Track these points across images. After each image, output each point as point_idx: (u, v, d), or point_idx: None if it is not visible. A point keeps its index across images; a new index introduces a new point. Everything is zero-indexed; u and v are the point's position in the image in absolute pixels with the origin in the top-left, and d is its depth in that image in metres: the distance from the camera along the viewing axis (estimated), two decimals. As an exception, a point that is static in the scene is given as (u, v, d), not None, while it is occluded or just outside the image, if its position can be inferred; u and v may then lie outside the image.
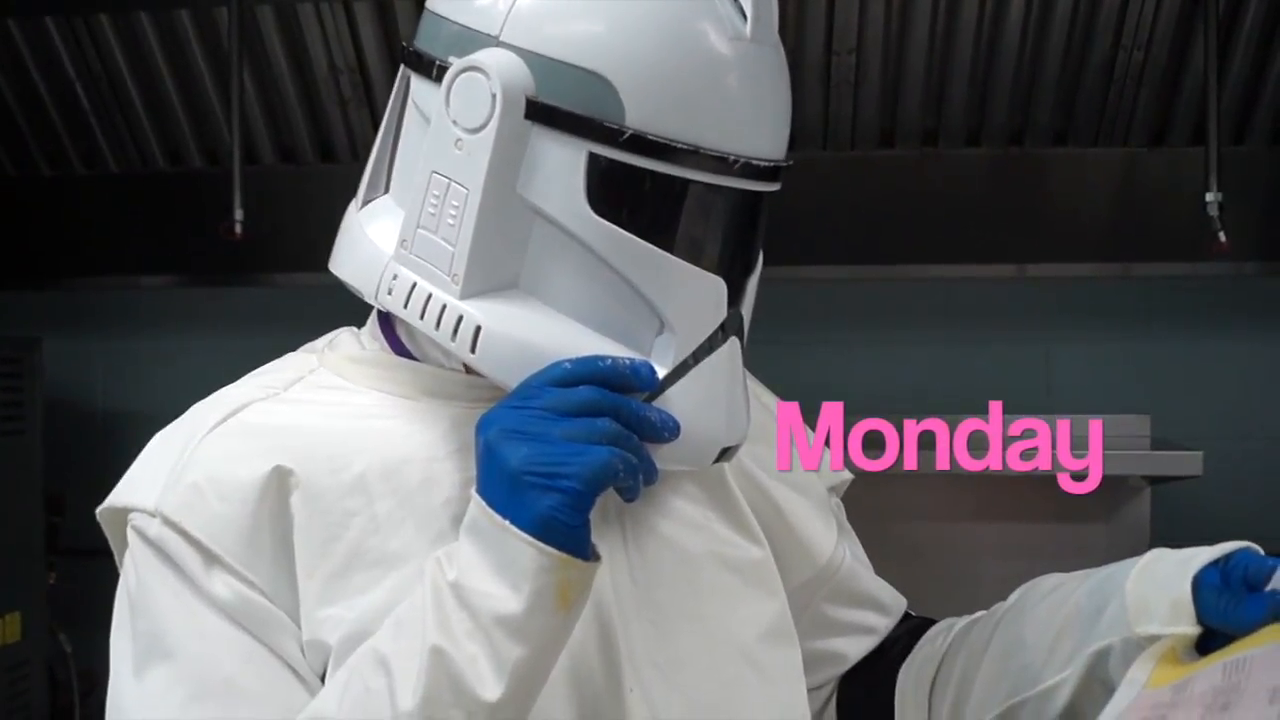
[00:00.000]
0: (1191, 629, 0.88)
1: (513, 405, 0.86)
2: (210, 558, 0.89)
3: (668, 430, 0.87)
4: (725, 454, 0.93)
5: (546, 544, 0.82)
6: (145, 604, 0.91)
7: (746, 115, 0.89)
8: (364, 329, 1.03)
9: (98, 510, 0.95)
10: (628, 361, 0.87)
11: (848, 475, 1.16)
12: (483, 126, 0.87)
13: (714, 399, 0.90)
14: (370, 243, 0.95)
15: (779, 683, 1.02)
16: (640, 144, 0.86)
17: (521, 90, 0.86)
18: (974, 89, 2.50)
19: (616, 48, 0.86)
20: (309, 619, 0.89)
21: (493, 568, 0.83)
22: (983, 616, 1.08)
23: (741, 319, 0.93)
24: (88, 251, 2.86)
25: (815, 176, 2.62)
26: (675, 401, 0.88)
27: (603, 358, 0.87)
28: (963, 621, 1.10)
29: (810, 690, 1.08)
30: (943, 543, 2.31)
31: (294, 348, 1.05)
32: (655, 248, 0.88)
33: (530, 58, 0.87)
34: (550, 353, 0.87)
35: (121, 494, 0.94)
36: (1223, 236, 2.28)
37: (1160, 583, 0.91)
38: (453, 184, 0.89)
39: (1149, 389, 2.64)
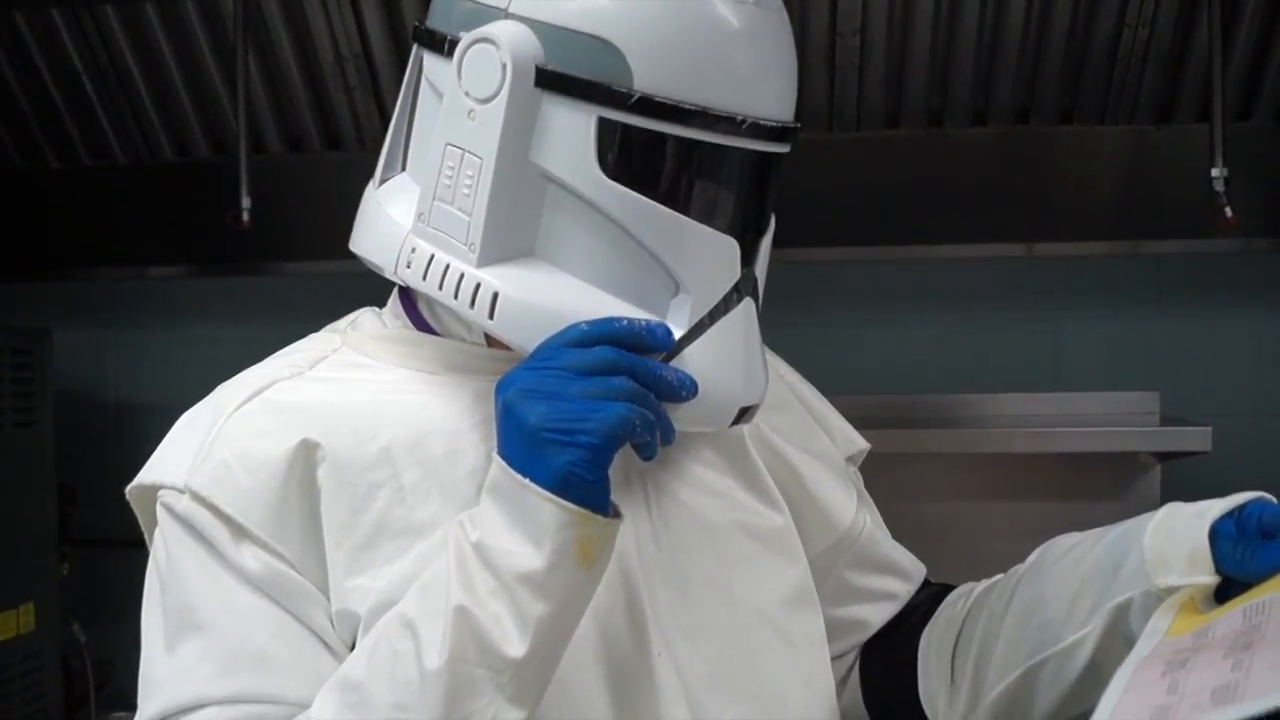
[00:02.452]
0: (1210, 578, 0.90)
1: (531, 367, 0.87)
2: (239, 531, 0.90)
3: (685, 389, 0.88)
4: (744, 415, 0.94)
5: (566, 499, 0.83)
6: (175, 579, 0.92)
7: (752, 77, 0.90)
8: (385, 308, 1.04)
9: (127, 489, 0.97)
10: (644, 322, 0.88)
11: (865, 445, 1.17)
12: (494, 96, 0.89)
13: (731, 358, 0.91)
14: (389, 219, 0.96)
15: (802, 647, 1.03)
16: (648, 106, 0.87)
17: (531, 59, 0.88)
18: (979, 68, 2.50)
19: (622, 13, 0.88)
20: (337, 590, 0.91)
21: (514, 525, 0.84)
22: (1001, 579, 1.09)
23: (755, 280, 0.94)
24: (96, 242, 2.87)
25: (821, 158, 2.62)
26: (692, 361, 0.90)
27: (619, 319, 0.88)
28: (982, 585, 1.12)
29: (834, 658, 1.09)
30: (953, 521, 2.31)
31: (301, 335, 1.05)
32: (668, 209, 0.89)
33: (539, 27, 0.89)
34: (567, 315, 0.89)
35: (150, 472, 0.96)
36: (1229, 212, 2.28)
37: (1177, 535, 0.92)
38: (467, 154, 0.90)
39: (1158, 366, 2.64)
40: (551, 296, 0.90)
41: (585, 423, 0.83)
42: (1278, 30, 2.41)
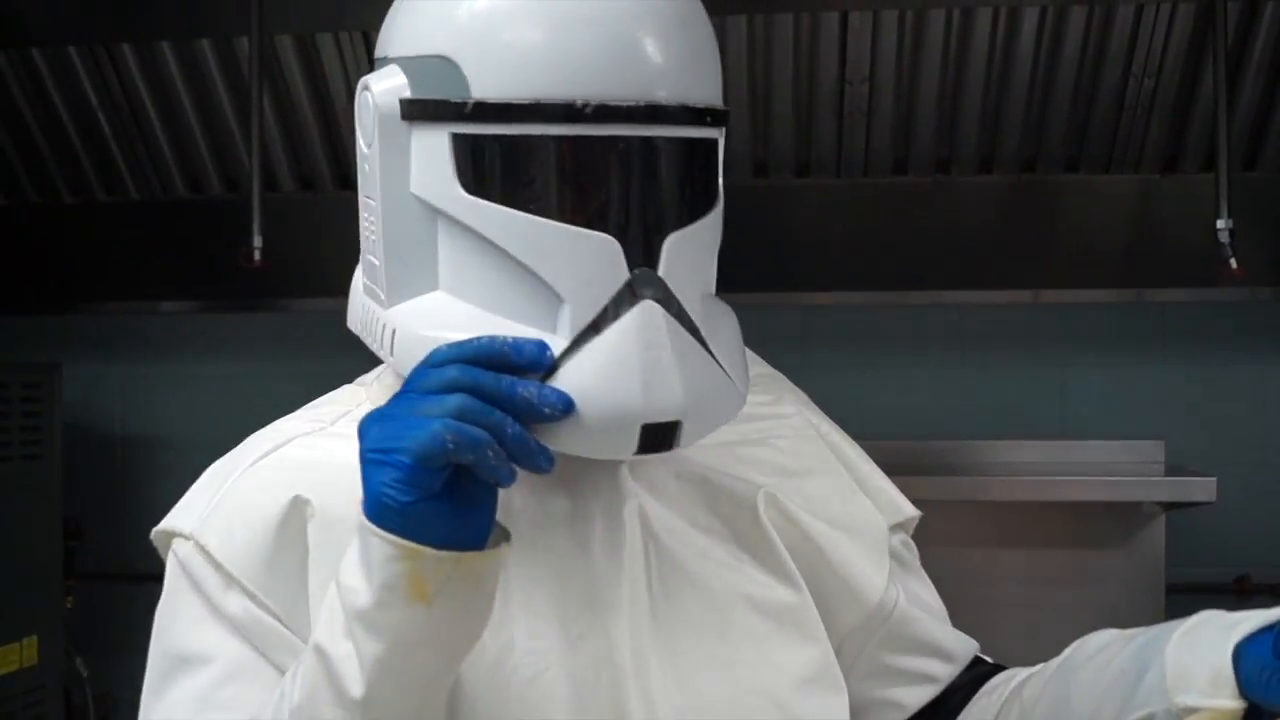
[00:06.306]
0: (1233, 703, 0.82)
1: (395, 394, 0.84)
2: (229, 580, 0.91)
3: (549, 405, 0.81)
4: (659, 437, 0.84)
5: (384, 529, 0.79)
6: (169, 623, 0.94)
7: (598, 58, 0.84)
8: None
9: (152, 532, 0.98)
10: (508, 339, 0.82)
11: (914, 512, 1.09)
12: (373, 138, 0.89)
13: (623, 369, 0.82)
14: (355, 286, 0.97)
15: None
16: (484, 111, 0.84)
17: (396, 94, 0.88)
18: (986, 117, 2.52)
19: (456, 26, 0.86)
20: None
21: (357, 560, 0.81)
22: (1037, 671, 1.03)
23: (662, 281, 0.85)
24: (108, 277, 2.89)
25: (829, 204, 2.63)
26: (571, 376, 0.82)
27: (480, 338, 0.83)
28: (1023, 674, 1.05)
29: None
30: (958, 569, 2.30)
31: (310, 374, 1.06)
32: (524, 214, 0.84)
33: (404, 63, 0.89)
34: (441, 341, 0.84)
35: (170, 518, 0.97)
36: (1234, 263, 2.29)
37: (1200, 650, 0.84)
38: (368, 201, 0.91)
39: (1163, 414, 2.64)
40: (437, 325, 0.86)
41: (400, 441, 0.78)
42: (1283, 82, 2.43)
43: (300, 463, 0.94)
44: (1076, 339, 2.69)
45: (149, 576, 0.98)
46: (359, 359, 1.08)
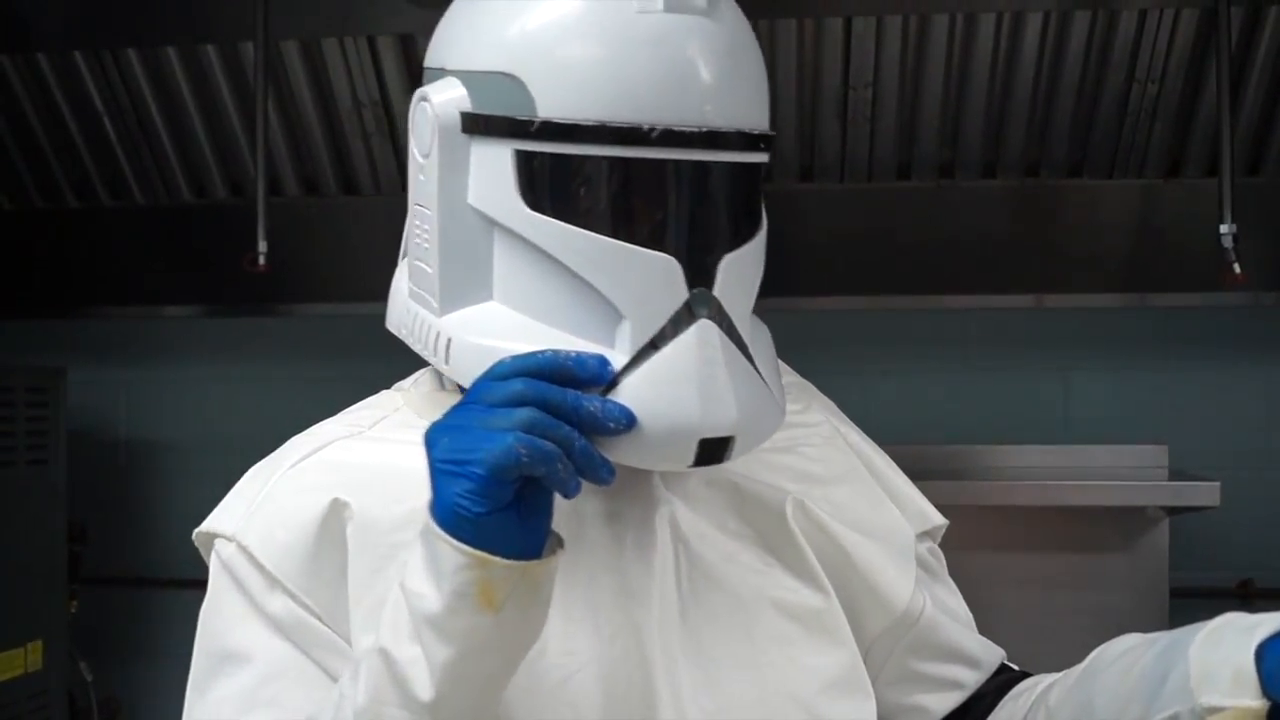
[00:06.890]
0: (1256, 702, 0.82)
1: (458, 404, 0.85)
2: (272, 581, 0.93)
3: (612, 420, 0.83)
4: (713, 451, 0.87)
5: (456, 538, 0.81)
6: (213, 623, 0.96)
7: (662, 84, 0.87)
8: None
9: (194, 533, 0.99)
10: (571, 353, 0.85)
11: (941, 520, 1.11)
12: (431, 148, 0.91)
13: (683, 386, 0.86)
14: (397, 288, 1.00)
15: None
16: (551, 130, 0.87)
17: (456, 107, 0.90)
18: (990, 122, 2.52)
19: (520, 44, 0.88)
20: (355, 644, 0.92)
21: (425, 566, 0.83)
22: (1062, 677, 1.04)
23: (717, 301, 0.88)
24: (113, 282, 2.90)
25: (832, 209, 2.64)
26: (632, 391, 0.85)
27: (544, 351, 0.85)
28: (1048, 679, 1.06)
29: None
30: (961, 573, 2.30)
31: (314, 378, 1.06)
32: (589, 232, 0.87)
33: (465, 76, 0.91)
34: (503, 352, 0.87)
35: (212, 519, 0.99)
36: (1237, 268, 2.29)
37: (1224, 650, 0.85)
38: (421, 209, 0.93)
39: (1167, 419, 2.64)
40: (496, 336, 0.89)
41: (473, 453, 0.80)
42: (1286, 87, 2.43)
43: (339, 466, 0.96)
44: (1079, 343, 2.69)
45: (153, 581, 0.99)
46: (362, 362, 1.09)
